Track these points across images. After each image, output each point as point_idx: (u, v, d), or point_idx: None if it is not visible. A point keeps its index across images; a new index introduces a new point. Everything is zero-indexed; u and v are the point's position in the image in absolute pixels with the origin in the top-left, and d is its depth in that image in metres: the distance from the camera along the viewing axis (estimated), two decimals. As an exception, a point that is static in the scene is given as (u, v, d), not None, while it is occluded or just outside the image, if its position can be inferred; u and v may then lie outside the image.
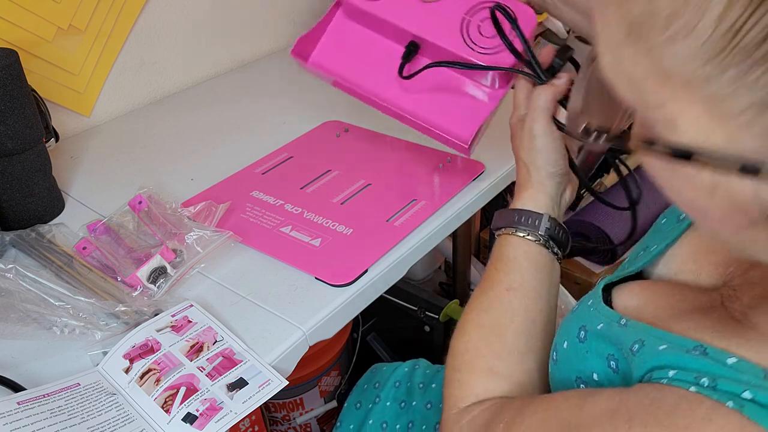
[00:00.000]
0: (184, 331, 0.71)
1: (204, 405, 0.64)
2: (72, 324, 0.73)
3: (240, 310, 0.76)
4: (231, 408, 0.63)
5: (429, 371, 1.01)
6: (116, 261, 0.81)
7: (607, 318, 0.54)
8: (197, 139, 1.14)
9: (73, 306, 0.74)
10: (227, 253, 0.84)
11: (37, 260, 0.83)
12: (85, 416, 0.63)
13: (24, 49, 1.04)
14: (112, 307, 0.74)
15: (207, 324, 0.72)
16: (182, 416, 0.63)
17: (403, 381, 1.01)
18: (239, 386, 0.66)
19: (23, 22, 1.04)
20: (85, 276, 0.79)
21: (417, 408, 0.96)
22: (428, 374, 1.00)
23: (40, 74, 1.08)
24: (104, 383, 0.68)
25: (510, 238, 0.70)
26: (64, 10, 1.08)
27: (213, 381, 0.66)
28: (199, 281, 0.81)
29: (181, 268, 0.80)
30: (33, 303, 0.74)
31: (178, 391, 0.65)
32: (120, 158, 1.10)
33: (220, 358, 0.69)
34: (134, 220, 0.88)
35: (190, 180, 1.02)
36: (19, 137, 0.86)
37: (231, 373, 0.67)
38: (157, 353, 0.69)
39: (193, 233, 0.83)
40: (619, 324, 0.52)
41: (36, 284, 0.75)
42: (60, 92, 1.13)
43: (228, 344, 0.70)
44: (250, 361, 0.68)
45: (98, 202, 0.98)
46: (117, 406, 0.65)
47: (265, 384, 0.65)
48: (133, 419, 0.64)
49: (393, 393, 1.00)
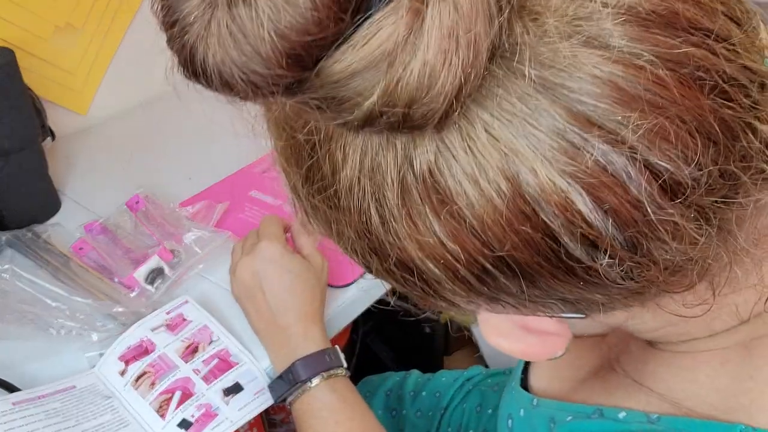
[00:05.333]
0: (179, 330, 0.71)
1: (199, 411, 0.63)
2: (68, 325, 0.72)
3: (238, 311, 0.75)
4: (227, 415, 0.63)
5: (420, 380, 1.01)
6: (113, 262, 0.81)
7: (524, 402, 0.56)
8: (196, 138, 1.13)
9: (70, 307, 0.73)
10: (226, 253, 0.83)
11: (34, 261, 0.83)
12: (80, 419, 0.63)
13: (20, 47, 1.03)
14: (109, 308, 0.74)
15: (202, 322, 0.72)
16: (177, 422, 0.63)
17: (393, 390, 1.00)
18: (235, 391, 0.65)
19: (19, 19, 1.03)
20: (82, 277, 0.79)
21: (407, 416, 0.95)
22: (419, 382, 0.99)
23: (36, 72, 1.08)
24: (100, 386, 0.67)
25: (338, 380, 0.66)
26: (61, 8, 1.07)
27: (208, 385, 0.66)
28: (198, 282, 0.80)
29: (179, 268, 0.80)
30: (29, 304, 0.74)
31: (173, 395, 0.65)
32: (117, 157, 1.09)
33: (216, 359, 0.68)
34: (131, 221, 0.87)
35: (188, 179, 1.01)
36: (14, 136, 0.85)
37: (226, 377, 0.66)
38: (152, 354, 0.68)
39: (192, 234, 0.83)
40: (532, 405, 0.55)
41: (32, 285, 0.75)
42: (56, 90, 1.12)
43: (224, 345, 0.70)
44: (247, 365, 0.68)
45: (95, 201, 0.97)
46: (112, 410, 0.65)
47: (261, 392, 0.65)
48: (128, 423, 0.63)
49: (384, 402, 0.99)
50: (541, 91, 0.29)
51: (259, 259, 0.69)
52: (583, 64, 0.29)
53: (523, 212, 0.30)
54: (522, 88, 0.29)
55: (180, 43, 0.29)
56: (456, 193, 0.30)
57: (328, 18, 0.27)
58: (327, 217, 0.36)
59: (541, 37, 0.29)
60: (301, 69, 0.28)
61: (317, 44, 0.27)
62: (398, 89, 0.27)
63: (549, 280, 0.32)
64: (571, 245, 0.31)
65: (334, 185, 0.33)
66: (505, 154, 0.29)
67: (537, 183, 0.29)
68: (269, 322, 0.68)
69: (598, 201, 0.30)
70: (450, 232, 0.31)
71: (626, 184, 0.29)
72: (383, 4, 0.27)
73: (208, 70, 0.28)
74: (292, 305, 0.68)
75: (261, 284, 0.69)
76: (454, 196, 0.30)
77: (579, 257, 0.31)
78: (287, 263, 0.69)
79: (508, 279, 0.33)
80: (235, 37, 0.27)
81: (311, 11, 0.26)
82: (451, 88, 0.27)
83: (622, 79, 0.28)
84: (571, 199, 0.29)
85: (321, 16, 0.27)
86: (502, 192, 0.30)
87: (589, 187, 0.29)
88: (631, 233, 0.30)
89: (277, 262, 0.69)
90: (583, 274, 0.32)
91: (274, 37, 0.27)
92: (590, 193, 0.29)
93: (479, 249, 0.31)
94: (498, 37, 0.28)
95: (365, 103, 0.28)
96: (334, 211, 0.34)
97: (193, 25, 0.28)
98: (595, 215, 0.30)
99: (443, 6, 0.27)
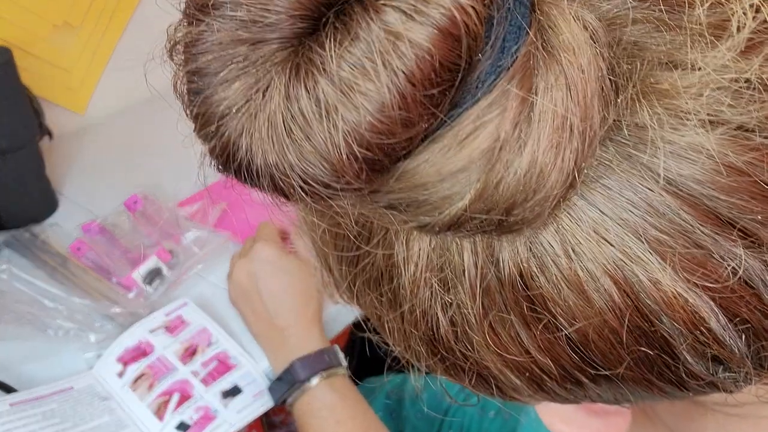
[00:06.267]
0: (178, 332, 0.71)
1: (198, 413, 0.63)
2: (66, 326, 0.72)
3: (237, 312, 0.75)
4: (226, 418, 0.63)
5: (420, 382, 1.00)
6: (111, 262, 0.80)
7: None
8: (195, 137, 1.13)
9: (68, 307, 0.73)
10: (225, 254, 0.83)
11: (31, 261, 0.82)
12: (77, 420, 0.63)
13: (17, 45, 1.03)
14: (107, 309, 0.73)
15: (202, 324, 0.72)
16: (176, 424, 0.63)
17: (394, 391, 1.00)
18: (233, 394, 0.65)
19: (17, 18, 1.03)
20: (80, 277, 0.79)
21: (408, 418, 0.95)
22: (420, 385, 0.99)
23: (34, 71, 1.07)
24: (98, 387, 0.67)
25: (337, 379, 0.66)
26: (59, 6, 1.07)
27: (207, 387, 0.65)
28: (196, 283, 0.80)
29: (178, 269, 0.80)
30: (27, 304, 0.73)
31: (171, 397, 0.65)
32: (115, 157, 1.09)
33: (215, 362, 0.68)
34: (130, 221, 0.87)
35: (186, 179, 1.01)
36: (12, 136, 0.85)
37: (225, 379, 0.66)
38: (150, 356, 0.68)
39: (190, 234, 0.82)
40: None
41: (30, 285, 0.75)
42: (54, 89, 1.12)
43: (223, 347, 0.69)
44: (246, 367, 0.67)
45: (93, 201, 0.97)
46: (110, 411, 0.65)
47: (260, 394, 0.65)
48: (126, 425, 0.63)
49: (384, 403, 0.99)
50: (665, 185, 0.24)
51: (254, 260, 0.69)
52: (716, 153, 0.23)
53: (639, 328, 0.25)
54: (640, 180, 0.24)
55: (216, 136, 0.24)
56: (553, 303, 0.25)
57: (420, 116, 0.22)
58: (375, 311, 0.30)
59: (668, 120, 0.24)
60: (378, 175, 0.23)
61: (401, 146, 0.22)
62: (497, 193, 0.23)
63: (654, 392, 0.28)
64: (692, 362, 0.26)
65: (392, 283, 0.28)
66: (620, 259, 0.24)
67: (659, 296, 0.24)
68: (267, 323, 0.68)
69: (732, 316, 0.25)
70: (542, 345, 0.26)
71: (761, 293, 0.25)
72: (482, 92, 0.22)
73: (254, 172, 0.23)
74: (290, 306, 0.68)
75: (257, 285, 0.68)
76: (550, 306, 0.25)
77: (698, 373, 0.26)
78: (283, 264, 0.68)
79: (604, 391, 0.28)
80: (294, 137, 0.22)
81: (398, 111, 0.21)
82: (561, 188, 0.23)
83: (761, 170, 0.24)
84: (700, 315, 0.25)
85: (411, 115, 0.21)
86: (614, 304, 0.25)
87: (722, 300, 0.24)
88: (760, 345, 0.26)
89: (273, 263, 0.68)
90: (695, 386, 0.27)
91: (351, 141, 0.21)
92: (723, 307, 0.25)
93: (578, 365, 0.26)
94: (614, 119, 0.24)
95: (452, 208, 0.23)
96: (387, 310, 0.29)
97: (236, 115, 0.22)
98: (729, 333, 0.25)
99: (556, 90, 0.22)
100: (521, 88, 0.22)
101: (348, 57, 0.21)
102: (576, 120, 0.22)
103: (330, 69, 0.21)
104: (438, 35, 0.21)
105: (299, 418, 0.65)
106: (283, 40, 0.22)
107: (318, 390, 0.64)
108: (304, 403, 0.64)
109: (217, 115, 0.23)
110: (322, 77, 0.21)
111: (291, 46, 0.22)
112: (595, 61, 0.23)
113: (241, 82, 0.22)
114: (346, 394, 0.65)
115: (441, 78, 0.21)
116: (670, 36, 0.24)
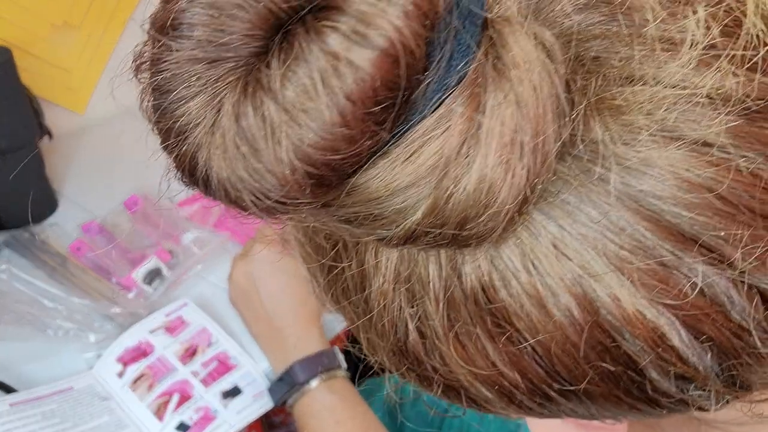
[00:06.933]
0: (178, 332, 0.71)
1: (198, 414, 0.63)
2: (66, 326, 0.72)
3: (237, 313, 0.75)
4: (225, 419, 0.63)
5: None
6: (111, 262, 0.80)
7: None
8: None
9: (67, 307, 0.73)
10: (225, 254, 0.83)
11: (31, 261, 0.82)
12: (77, 421, 0.63)
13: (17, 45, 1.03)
14: (106, 309, 0.73)
15: (202, 325, 0.72)
16: (175, 424, 0.63)
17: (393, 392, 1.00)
18: (233, 394, 0.65)
19: (16, 18, 1.03)
20: (80, 277, 0.79)
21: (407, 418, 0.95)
22: None
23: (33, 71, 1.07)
24: (98, 387, 0.67)
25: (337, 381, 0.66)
26: (58, 6, 1.07)
27: (207, 387, 0.65)
28: (196, 283, 0.80)
29: (178, 269, 0.79)
30: (27, 304, 0.73)
31: (171, 397, 0.65)
32: (115, 157, 1.08)
33: (214, 362, 0.68)
34: (129, 221, 0.87)
35: (186, 179, 1.01)
36: (11, 136, 0.85)
37: (225, 380, 0.66)
38: (150, 356, 0.68)
39: (190, 234, 0.82)
40: None
41: (30, 285, 0.75)
42: (53, 89, 1.12)
43: (223, 347, 0.69)
44: (246, 367, 0.67)
45: (92, 201, 0.96)
46: (110, 412, 0.65)
47: (260, 395, 0.65)
48: (125, 425, 0.63)
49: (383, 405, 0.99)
50: (624, 200, 0.24)
51: (253, 261, 0.69)
52: (675, 168, 0.23)
53: (601, 344, 0.25)
54: (599, 195, 0.24)
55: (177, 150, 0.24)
56: (516, 317, 0.25)
57: (362, 133, 0.22)
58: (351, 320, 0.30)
59: (622, 135, 0.24)
60: (326, 190, 0.23)
61: (347, 162, 0.23)
62: (448, 207, 0.23)
63: (625, 408, 0.27)
64: (659, 379, 0.26)
65: (363, 293, 0.28)
66: (579, 275, 0.24)
67: (620, 312, 0.24)
68: (266, 324, 0.68)
69: (696, 333, 0.25)
70: (508, 358, 0.26)
71: (728, 311, 0.24)
72: (429, 110, 0.23)
73: (212, 185, 0.24)
74: (288, 306, 0.68)
75: (256, 285, 0.68)
76: (513, 320, 0.26)
77: (667, 390, 0.26)
78: (282, 264, 0.68)
79: (576, 405, 0.28)
80: (243, 153, 0.22)
81: (340, 128, 0.22)
82: (513, 203, 0.23)
83: (722, 185, 0.23)
84: (662, 332, 0.24)
85: (353, 132, 0.22)
86: (574, 319, 0.25)
87: (685, 317, 0.24)
88: (730, 364, 0.25)
89: (272, 264, 0.68)
90: (668, 404, 0.27)
91: (293, 158, 0.22)
92: (687, 325, 0.24)
93: (543, 379, 0.26)
94: (570, 135, 0.24)
95: (406, 222, 0.24)
96: (364, 320, 0.29)
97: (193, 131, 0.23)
98: (692, 350, 0.25)
99: (505, 107, 0.22)
100: (468, 105, 0.22)
101: (291, 77, 0.22)
102: (526, 137, 0.22)
103: (275, 88, 0.22)
104: (376, 56, 0.21)
105: (299, 419, 0.65)
106: (237, 59, 0.22)
107: (317, 392, 0.64)
108: (304, 404, 0.64)
109: (177, 131, 0.24)
110: (267, 96, 0.22)
111: (244, 66, 0.22)
112: (549, 77, 0.23)
113: (198, 100, 0.23)
114: (346, 395, 0.65)
115: (382, 96, 0.22)
116: (628, 51, 0.24)
